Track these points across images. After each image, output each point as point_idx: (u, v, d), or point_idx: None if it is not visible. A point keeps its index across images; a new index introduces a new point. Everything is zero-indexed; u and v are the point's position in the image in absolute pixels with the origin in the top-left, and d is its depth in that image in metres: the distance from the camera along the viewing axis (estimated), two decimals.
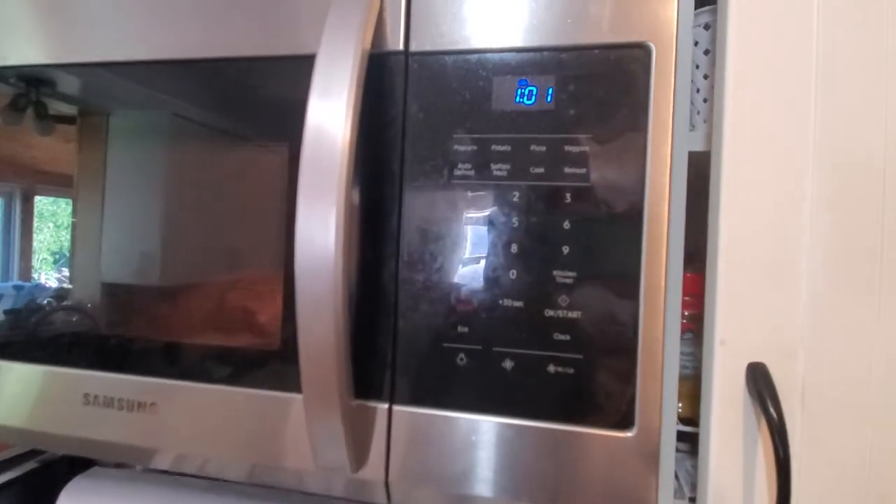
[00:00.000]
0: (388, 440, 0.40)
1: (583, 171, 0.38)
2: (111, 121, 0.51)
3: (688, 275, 0.40)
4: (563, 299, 0.38)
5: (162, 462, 0.47)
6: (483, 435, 0.39)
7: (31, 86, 0.53)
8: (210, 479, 0.83)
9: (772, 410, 0.34)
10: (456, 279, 0.40)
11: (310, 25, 0.42)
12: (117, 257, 0.50)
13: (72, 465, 0.85)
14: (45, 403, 0.48)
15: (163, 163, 0.49)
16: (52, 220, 0.56)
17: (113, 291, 0.50)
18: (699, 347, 0.58)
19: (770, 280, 0.36)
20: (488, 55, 0.40)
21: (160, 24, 0.47)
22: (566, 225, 0.38)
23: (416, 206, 0.41)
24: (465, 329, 0.39)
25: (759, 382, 0.35)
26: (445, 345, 0.40)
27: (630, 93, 0.38)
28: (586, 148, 0.38)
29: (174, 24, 0.46)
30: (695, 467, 0.57)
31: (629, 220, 0.37)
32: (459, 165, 0.40)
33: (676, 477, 0.48)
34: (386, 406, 0.41)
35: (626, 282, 0.37)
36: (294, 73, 0.42)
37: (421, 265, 0.40)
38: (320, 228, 0.35)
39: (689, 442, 0.49)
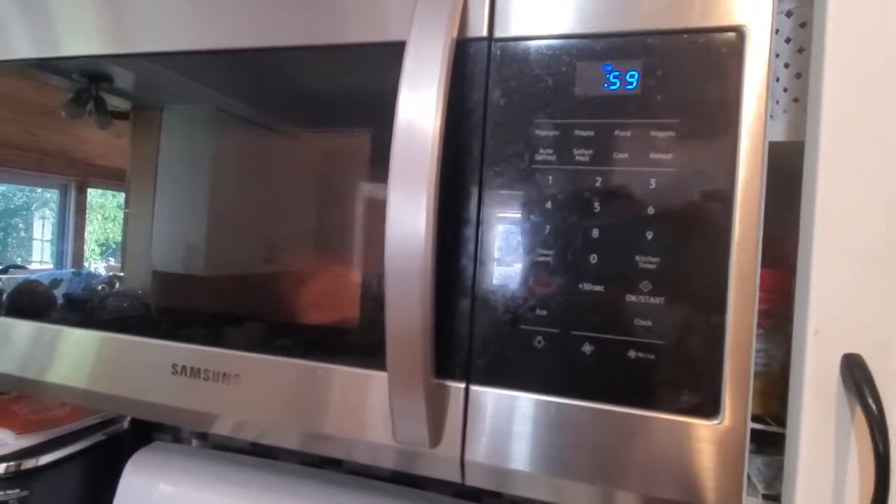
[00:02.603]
0: (465, 419, 0.41)
1: (669, 156, 0.38)
2: (164, 115, 0.54)
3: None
4: (645, 285, 0.38)
5: (241, 431, 0.49)
6: (559, 417, 0.39)
7: (92, 81, 0.57)
8: (261, 456, 0.88)
9: (871, 402, 0.33)
10: (535, 263, 0.40)
11: (395, 12, 0.43)
12: (211, 246, 0.53)
13: (134, 439, 0.90)
14: (135, 372, 0.51)
15: (232, 151, 0.52)
16: (101, 211, 0.60)
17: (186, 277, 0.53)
18: (771, 343, 0.56)
19: (867, 270, 0.35)
20: (572, 40, 0.40)
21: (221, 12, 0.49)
22: (650, 210, 0.38)
23: (497, 190, 0.41)
24: (544, 312, 0.40)
25: (857, 373, 0.34)
26: (523, 327, 0.40)
27: (721, 78, 0.37)
28: (673, 133, 0.38)
29: (231, 14, 0.48)
30: (766, 465, 0.55)
31: (718, 208, 0.37)
32: (541, 151, 0.40)
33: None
34: (463, 385, 0.41)
35: (713, 269, 0.37)
36: (378, 60, 0.44)
37: (500, 248, 0.41)
38: (411, 217, 0.36)
39: (756, 440, 0.48)
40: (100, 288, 0.58)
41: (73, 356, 0.54)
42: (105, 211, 0.60)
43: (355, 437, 0.44)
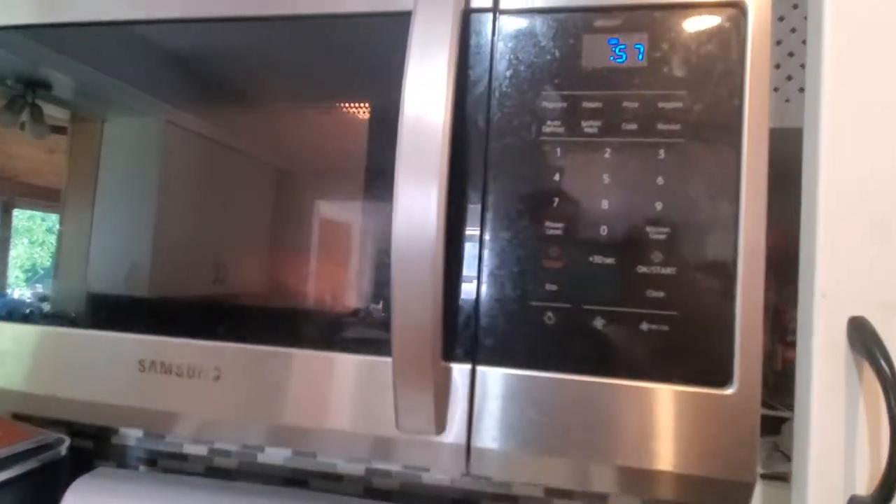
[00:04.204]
0: (471, 402, 0.39)
1: (677, 127, 0.38)
2: (106, 127, 0.51)
3: None
4: (656, 255, 0.37)
5: (219, 432, 0.45)
6: (571, 395, 0.38)
7: (28, 87, 0.53)
8: (215, 479, 0.81)
9: (883, 365, 0.33)
10: (543, 236, 0.39)
11: None
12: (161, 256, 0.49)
13: (74, 466, 0.82)
14: (96, 371, 0.46)
15: (182, 166, 0.49)
16: (28, 235, 0.55)
17: (163, 259, 0.48)
18: None
19: (872, 234, 0.36)
20: (578, 13, 0.40)
21: None
22: (659, 181, 0.38)
23: (503, 163, 0.40)
24: (554, 287, 0.39)
25: (866, 336, 0.34)
26: (533, 304, 0.39)
27: (725, 51, 0.38)
28: (680, 105, 0.38)
29: None
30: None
31: (725, 178, 0.37)
32: (548, 122, 0.40)
33: None
34: (469, 367, 0.39)
35: (723, 237, 0.37)
36: (382, 29, 0.42)
37: (507, 222, 0.40)
38: (421, 199, 0.35)
39: None
40: (28, 312, 0.52)
41: (13, 354, 0.48)
42: (32, 235, 0.55)
43: (349, 428, 0.41)
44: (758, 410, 0.35)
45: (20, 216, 0.55)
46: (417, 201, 0.36)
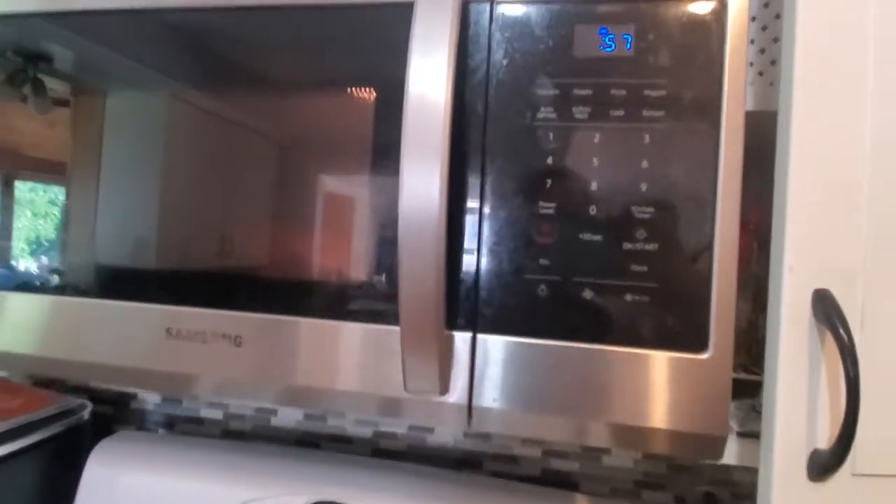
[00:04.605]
0: (472, 366, 0.43)
1: (661, 113, 0.41)
2: (108, 102, 0.52)
3: None
4: (640, 233, 0.41)
5: (239, 393, 0.49)
6: (562, 360, 0.42)
7: (29, 61, 0.54)
8: (230, 440, 0.86)
9: (842, 332, 0.36)
10: (538, 215, 0.42)
11: None
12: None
13: (94, 431, 0.86)
14: (126, 338, 0.50)
15: (187, 140, 0.51)
16: (31, 207, 0.56)
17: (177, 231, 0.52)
18: (738, 300, 0.61)
19: (833, 207, 0.39)
20: (570, 5, 0.42)
21: None
22: (644, 164, 0.41)
23: (500, 146, 0.43)
24: (546, 262, 0.42)
25: (828, 307, 0.38)
26: (527, 276, 0.42)
27: (706, 42, 0.40)
28: (664, 93, 0.41)
29: None
30: (738, 408, 0.60)
31: (704, 161, 0.40)
32: (542, 109, 0.43)
33: None
34: (470, 335, 0.43)
35: (702, 215, 0.40)
36: (382, 19, 0.45)
37: (504, 202, 0.43)
38: (425, 177, 0.38)
39: None
40: (38, 284, 0.55)
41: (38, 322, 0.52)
42: (35, 207, 0.56)
43: (360, 390, 0.45)
44: (729, 373, 0.39)
45: (22, 188, 0.57)
46: (422, 179, 0.39)
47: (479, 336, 0.43)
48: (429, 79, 0.39)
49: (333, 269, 0.47)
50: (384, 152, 0.46)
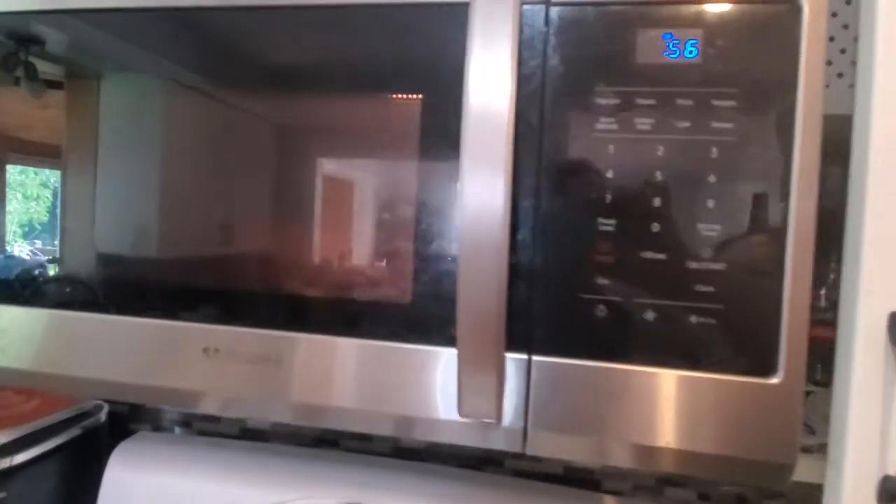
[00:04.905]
0: (528, 389, 0.41)
1: (730, 125, 0.39)
2: (102, 85, 0.50)
3: None
4: (706, 251, 0.39)
5: (283, 414, 0.47)
6: (621, 383, 0.40)
7: (21, 44, 0.52)
8: (248, 439, 0.85)
9: None
10: (596, 232, 0.40)
11: None
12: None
13: (112, 431, 0.85)
14: (161, 357, 0.48)
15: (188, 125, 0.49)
16: (21, 190, 0.55)
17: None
18: None
19: None
20: (632, 7, 0.40)
21: None
22: (711, 179, 0.39)
23: (556, 159, 0.41)
24: (605, 281, 0.40)
25: None
26: (584, 296, 0.40)
27: (779, 49, 0.38)
28: (734, 103, 0.38)
29: None
30: None
31: (777, 176, 0.38)
32: (602, 119, 0.40)
33: None
34: (525, 357, 0.41)
35: (773, 235, 0.38)
36: (433, 20, 0.42)
37: (560, 217, 0.41)
38: (488, 187, 0.36)
39: None
40: (37, 273, 0.54)
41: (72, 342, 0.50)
42: (26, 189, 0.55)
43: (406, 413, 0.43)
44: (801, 398, 0.38)
45: (12, 171, 0.55)
46: (484, 190, 0.37)
47: (535, 358, 0.41)
48: (490, 84, 0.37)
49: (378, 286, 0.45)
50: (432, 158, 0.43)
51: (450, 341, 0.41)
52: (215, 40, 0.48)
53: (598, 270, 0.40)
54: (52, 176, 0.54)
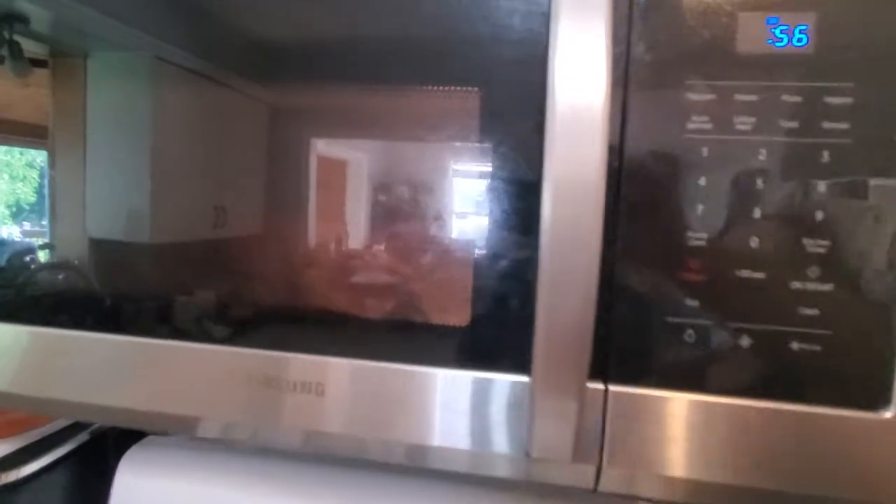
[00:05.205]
0: (604, 423, 0.37)
1: (844, 126, 0.33)
2: (89, 63, 0.48)
3: None
4: (812, 270, 0.34)
5: (326, 444, 0.43)
6: (712, 416, 0.36)
7: (5, 22, 0.49)
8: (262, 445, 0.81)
9: None
10: (686, 247, 0.35)
11: None
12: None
13: (121, 436, 0.82)
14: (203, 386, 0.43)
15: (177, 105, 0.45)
16: (8, 170, 0.53)
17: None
18: None
19: None
20: None
21: None
22: (821, 188, 0.34)
23: (641, 162, 0.36)
24: (696, 303, 0.36)
25: None
26: (671, 320, 0.36)
27: None
28: (850, 100, 0.33)
29: None
30: None
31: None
32: (694, 118, 0.35)
33: None
34: (601, 387, 0.37)
35: (891, 252, 0.33)
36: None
37: (643, 231, 0.36)
38: (581, 200, 0.30)
39: None
40: (28, 259, 0.51)
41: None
42: (12, 169, 0.53)
43: (475, 448, 0.39)
44: None
45: None
46: (575, 206, 0.32)
47: (612, 388, 0.37)
48: (582, 71, 0.32)
49: (433, 307, 0.40)
50: (497, 157, 0.38)
51: (518, 368, 0.37)
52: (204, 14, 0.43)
53: (686, 290, 0.36)
54: (39, 156, 0.52)
